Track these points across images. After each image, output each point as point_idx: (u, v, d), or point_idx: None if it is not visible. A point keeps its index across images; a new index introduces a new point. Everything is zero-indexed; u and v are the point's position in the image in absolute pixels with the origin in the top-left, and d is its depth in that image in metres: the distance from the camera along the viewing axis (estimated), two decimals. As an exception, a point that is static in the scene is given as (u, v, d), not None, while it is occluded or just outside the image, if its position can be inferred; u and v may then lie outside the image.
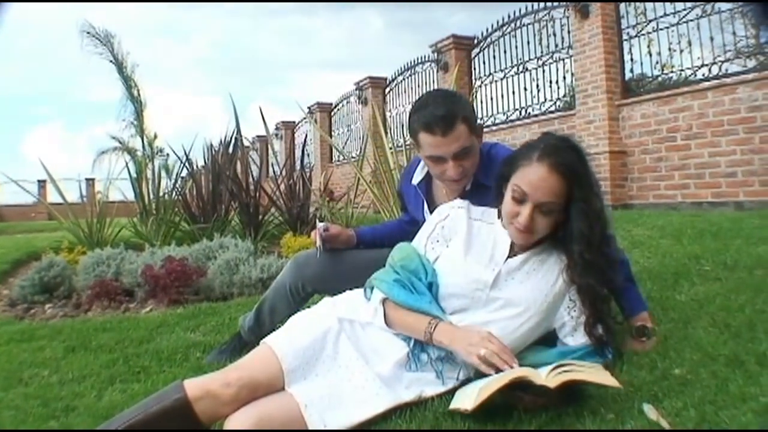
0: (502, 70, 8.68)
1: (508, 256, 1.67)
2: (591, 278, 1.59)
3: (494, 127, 8.48)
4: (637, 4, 6.75)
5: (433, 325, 1.56)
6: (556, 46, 7.74)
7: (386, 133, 6.06)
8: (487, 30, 8.99)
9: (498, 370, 1.44)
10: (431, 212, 1.96)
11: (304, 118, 13.85)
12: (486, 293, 1.63)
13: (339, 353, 1.59)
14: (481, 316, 1.62)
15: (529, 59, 8.19)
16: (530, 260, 1.67)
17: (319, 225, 2.29)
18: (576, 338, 1.64)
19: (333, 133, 13.72)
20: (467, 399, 1.38)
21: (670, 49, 6.42)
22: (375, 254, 2.11)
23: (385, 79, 11.84)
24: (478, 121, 1.99)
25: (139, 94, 6.89)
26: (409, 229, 2.16)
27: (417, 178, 2.12)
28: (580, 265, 1.59)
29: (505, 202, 1.64)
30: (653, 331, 1.77)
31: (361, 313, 1.68)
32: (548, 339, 1.70)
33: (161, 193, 6.41)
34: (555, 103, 7.85)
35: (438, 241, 1.75)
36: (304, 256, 2.38)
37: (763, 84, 5.38)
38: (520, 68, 8.33)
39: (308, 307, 1.93)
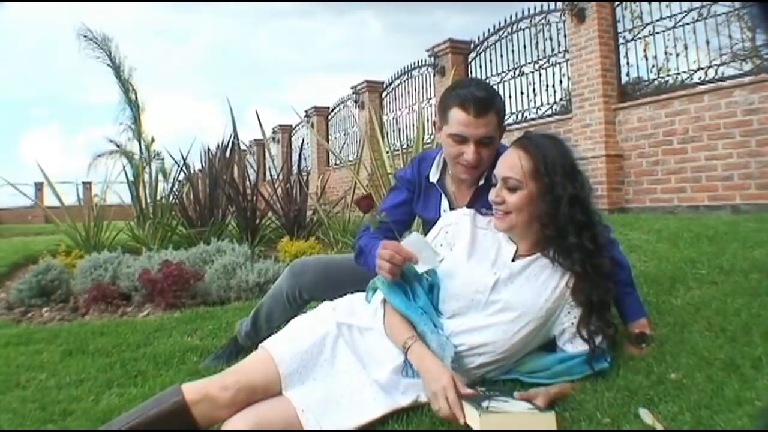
0: (498, 74, 8.70)
1: (511, 261, 1.68)
2: (576, 265, 1.61)
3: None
4: (634, 8, 6.78)
5: (410, 344, 1.56)
6: (553, 50, 7.76)
7: (383, 137, 6.05)
8: (483, 34, 9.00)
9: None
10: (451, 208, 1.97)
11: (301, 122, 13.86)
12: (486, 296, 1.63)
13: (337, 358, 1.59)
14: (480, 320, 1.62)
15: (526, 63, 8.20)
16: (532, 265, 1.67)
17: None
18: (575, 345, 1.64)
19: (330, 137, 13.71)
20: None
21: (666, 52, 6.44)
22: None
23: (382, 83, 11.85)
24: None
25: (136, 98, 6.90)
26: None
27: (435, 175, 2.05)
28: (564, 253, 1.61)
29: None
30: (651, 338, 1.78)
31: (361, 318, 1.69)
32: (548, 345, 1.70)
33: (158, 197, 6.41)
34: (551, 107, 7.85)
35: (442, 245, 1.76)
36: (300, 264, 2.37)
37: (759, 87, 5.40)
38: (517, 72, 8.34)
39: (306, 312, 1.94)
